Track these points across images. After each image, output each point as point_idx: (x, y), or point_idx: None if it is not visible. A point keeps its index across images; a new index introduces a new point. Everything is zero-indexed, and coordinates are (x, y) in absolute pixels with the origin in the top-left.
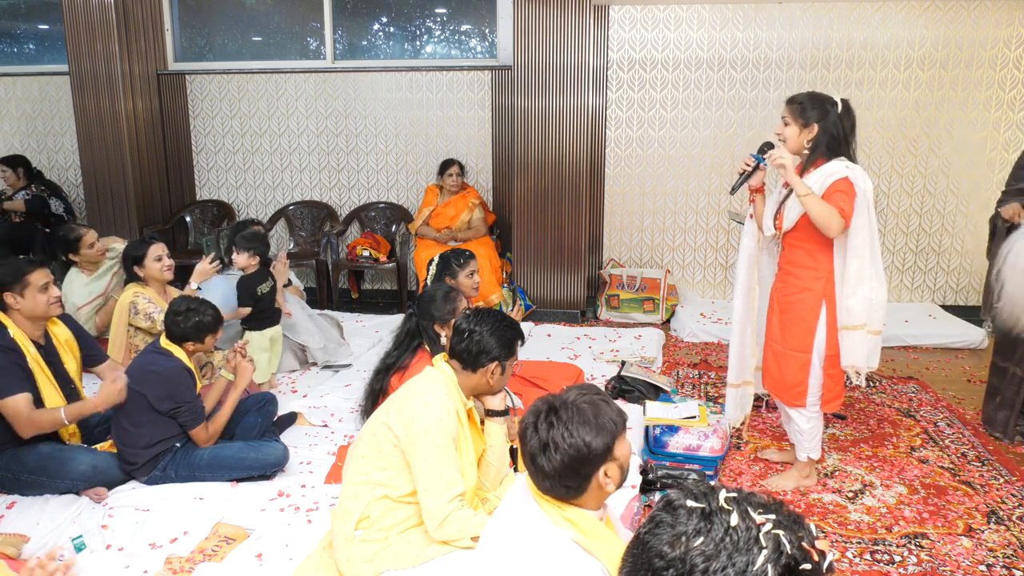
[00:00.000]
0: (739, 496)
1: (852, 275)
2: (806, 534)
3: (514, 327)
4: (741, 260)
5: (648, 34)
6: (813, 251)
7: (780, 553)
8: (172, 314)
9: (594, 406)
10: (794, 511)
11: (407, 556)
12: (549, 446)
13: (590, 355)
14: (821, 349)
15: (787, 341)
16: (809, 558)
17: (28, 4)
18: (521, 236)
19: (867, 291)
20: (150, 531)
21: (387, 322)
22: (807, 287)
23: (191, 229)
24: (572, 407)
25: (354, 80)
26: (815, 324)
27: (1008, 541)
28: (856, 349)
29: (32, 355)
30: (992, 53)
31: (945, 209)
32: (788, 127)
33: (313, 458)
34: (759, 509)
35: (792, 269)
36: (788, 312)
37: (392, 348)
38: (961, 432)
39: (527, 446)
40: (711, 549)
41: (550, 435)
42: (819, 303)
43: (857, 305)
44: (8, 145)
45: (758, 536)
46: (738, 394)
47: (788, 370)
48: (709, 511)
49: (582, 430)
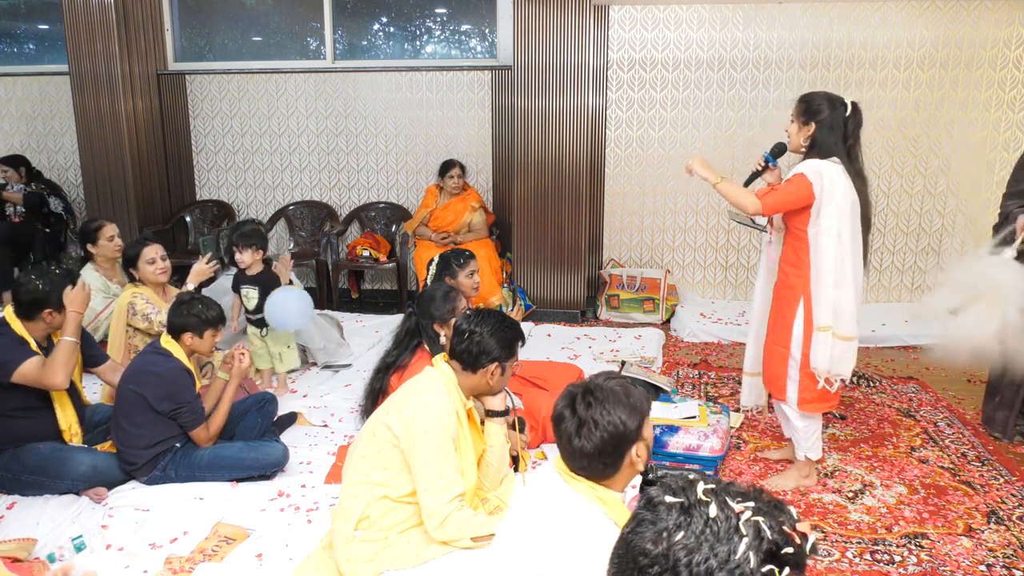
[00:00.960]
0: (717, 487)
1: (822, 276)
2: (787, 518)
3: (514, 328)
4: (763, 256)
5: (648, 34)
6: (797, 249)
7: (761, 539)
8: (177, 304)
9: (624, 388)
10: (774, 497)
11: (407, 556)
12: (588, 424)
13: (590, 355)
14: (798, 347)
15: (773, 335)
16: (791, 541)
17: (28, 4)
18: (521, 236)
19: (831, 292)
20: (150, 531)
21: (387, 322)
22: (790, 284)
23: (191, 229)
24: (605, 389)
25: (354, 80)
26: (792, 321)
27: (1008, 541)
28: (822, 351)
29: (37, 353)
30: (992, 53)
31: (945, 209)
32: (792, 124)
33: (313, 458)
34: (738, 498)
35: (783, 265)
36: (775, 307)
37: (392, 347)
38: (961, 432)
39: (562, 428)
40: (692, 542)
41: (588, 414)
42: (798, 300)
43: (823, 303)
44: (8, 145)
45: (738, 525)
46: (754, 383)
47: (772, 363)
48: (688, 505)
49: (617, 409)
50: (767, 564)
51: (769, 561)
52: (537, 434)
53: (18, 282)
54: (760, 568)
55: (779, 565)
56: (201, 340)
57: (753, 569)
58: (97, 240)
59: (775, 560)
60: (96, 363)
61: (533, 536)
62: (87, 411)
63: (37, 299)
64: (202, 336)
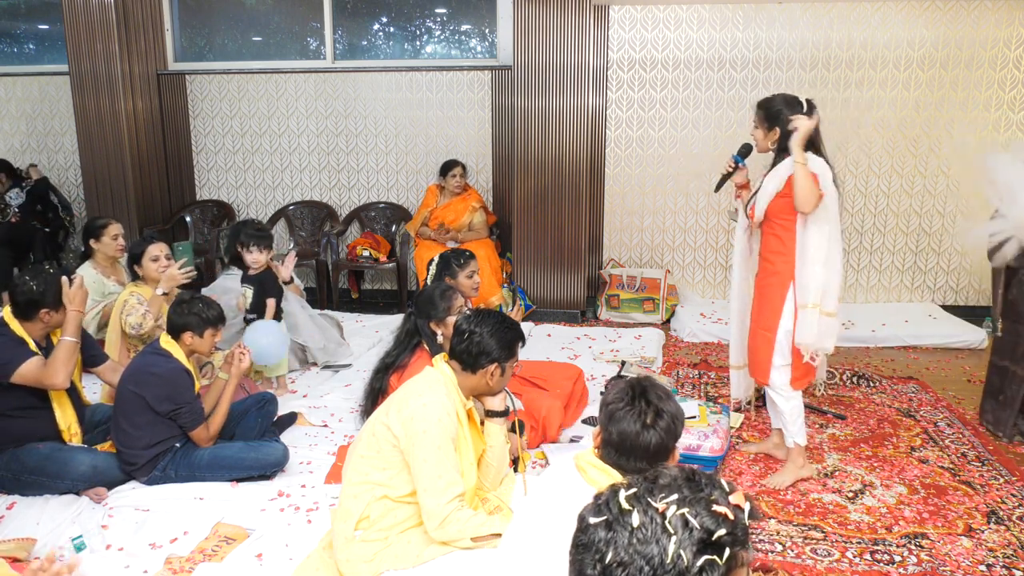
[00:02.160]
0: (639, 490)
1: (810, 254)
2: (719, 495)
3: (515, 329)
4: (736, 252)
5: (648, 34)
6: (783, 236)
7: (691, 531)
8: (177, 304)
9: (665, 389)
10: (703, 474)
11: (407, 556)
12: (661, 413)
13: (590, 355)
14: (788, 328)
15: (759, 321)
16: (724, 521)
17: (28, 4)
18: (521, 236)
19: (821, 270)
20: (150, 531)
21: (387, 322)
22: (777, 271)
23: (191, 229)
24: (657, 387)
25: (354, 80)
26: (781, 305)
27: (1008, 541)
28: (808, 328)
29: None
30: (992, 53)
31: (945, 209)
32: (756, 130)
33: (313, 458)
34: (661, 494)
35: (767, 255)
36: (761, 294)
37: (392, 348)
38: (961, 432)
39: (621, 428)
40: (624, 556)
41: (659, 405)
42: (787, 284)
43: (811, 283)
44: (8, 145)
45: (664, 524)
46: (740, 375)
47: (757, 348)
48: (611, 520)
49: (672, 404)
50: (703, 555)
51: (705, 551)
52: (537, 434)
53: (14, 283)
54: (696, 561)
55: (718, 550)
56: (201, 339)
57: (689, 564)
58: (101, 237)
59: (712, 547)
60: (96, 363)
61: (551, 536)
62: (87, 411)
63: (32, 299)
64: (202, 335)
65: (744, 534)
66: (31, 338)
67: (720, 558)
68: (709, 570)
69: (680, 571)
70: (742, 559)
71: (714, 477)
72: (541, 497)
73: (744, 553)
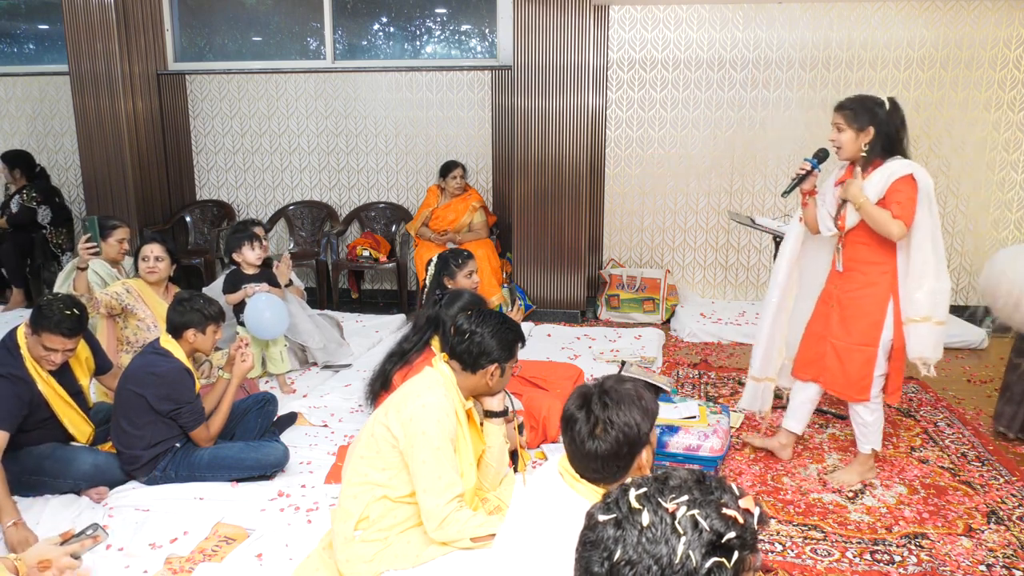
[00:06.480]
0: (649, 489)
1: (916, 268)
2: (729, 498)
3: (515, 329)
4: (782, 260)
5: (648, 34)
6: (877, 247)
7: (700, 532)
8: (177, 302)
9: (637, 390)
10: (713, 477)
11: (407, 556)
12: (603, 423)
13: (590, 355)
14: (888, 342)
15: (851, 336)
16: (733, 524)
17: (28, 4)
18: (521, 236)
19: (932, 283)
20: (150, 531)
21: (387, 322)
22: (872, 282)
23: (191, 229)
24: (620, 391)
25: (354, 80)
26: (882, 318)
27: (1008, 541)
28: (924, 341)
29: (44, 379)
30: (992, 53)
31: (945, 209)
32: (843, 133)
33: (313, 458)
34: (671, 494)
35: (856, 266)
36: (851, 308)
37: (411, 333)
38: (961, 432)
39: (574, 431)
40: (633, 555)
41: (605, 414)
42: (887, 297)
43: (923, 298)
44: (8, 145)
45: (673, 524)
46: (759, 388)
47: (852, 365)
48: (621, 518)
49: (632, 410)
50: (711, 556)
51: (713, 553)
52: (537, 434)
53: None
54: (704, 562)
55: (726, 552)
56: (204, 336)
57: (697, 566)
58: (107, 238)
59: (720, 549)
60: (101, 371)
61: (535, 539)
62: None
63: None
64: (205, 332)
65: (753, 538)
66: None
67: (728, 561)
68: (717, 572)
69: (688, 572)
70: (750, 563)
71: (724, 481)
72: (528, 499)
73: (752, 557)
